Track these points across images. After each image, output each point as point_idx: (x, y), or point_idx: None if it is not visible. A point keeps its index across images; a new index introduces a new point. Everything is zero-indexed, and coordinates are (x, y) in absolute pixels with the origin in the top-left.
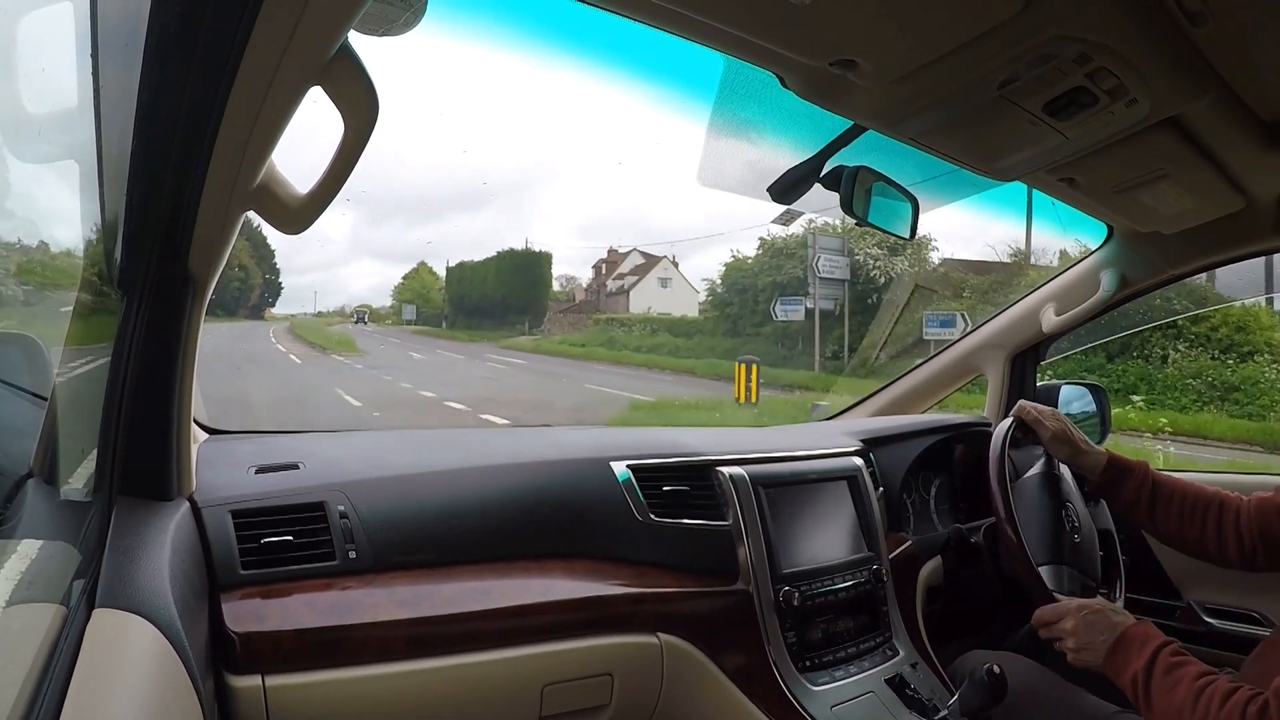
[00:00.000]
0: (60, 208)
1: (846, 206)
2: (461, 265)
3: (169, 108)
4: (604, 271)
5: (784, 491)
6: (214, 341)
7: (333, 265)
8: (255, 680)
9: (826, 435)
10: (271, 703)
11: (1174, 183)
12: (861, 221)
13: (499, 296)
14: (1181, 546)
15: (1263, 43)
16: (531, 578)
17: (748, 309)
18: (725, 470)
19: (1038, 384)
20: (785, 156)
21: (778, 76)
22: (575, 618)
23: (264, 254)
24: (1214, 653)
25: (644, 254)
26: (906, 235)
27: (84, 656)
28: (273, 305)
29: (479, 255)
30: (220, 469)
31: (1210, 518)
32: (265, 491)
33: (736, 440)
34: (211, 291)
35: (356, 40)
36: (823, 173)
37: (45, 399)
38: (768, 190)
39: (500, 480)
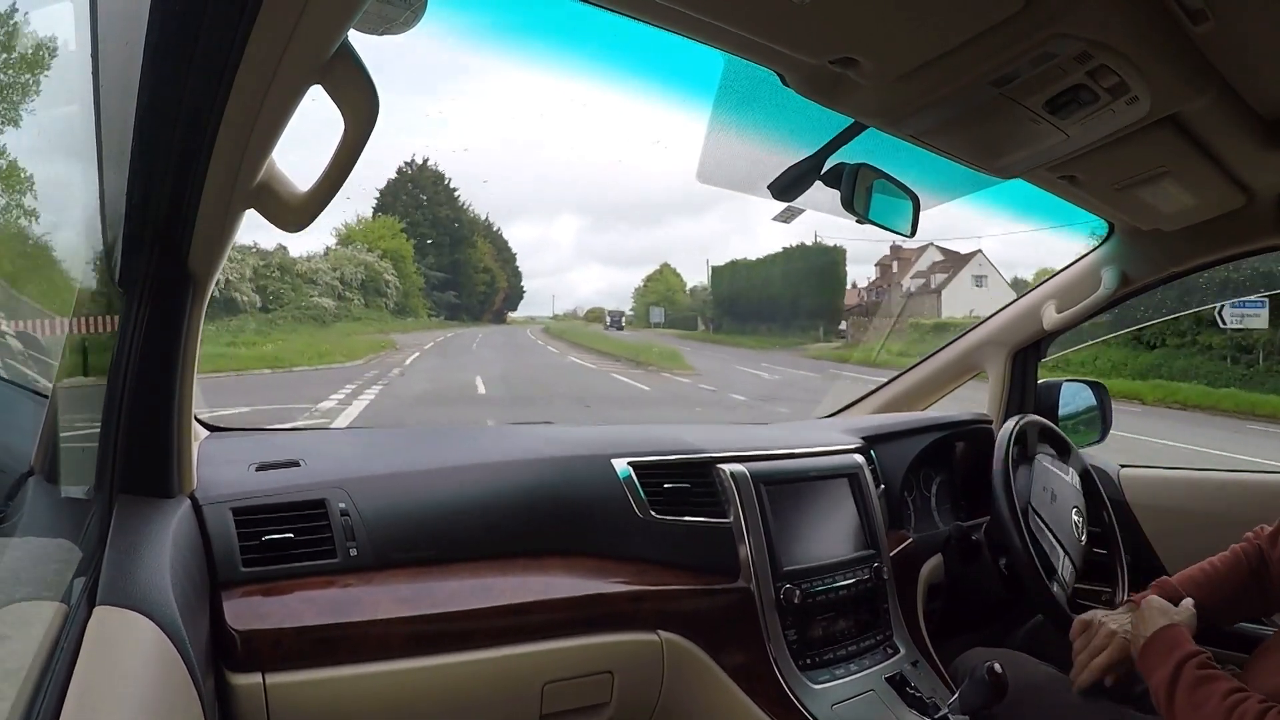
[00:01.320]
0: (60, 207)
1: (847, 204)
2: (734, 265)
3: (169, 108)
4: (894, 270)
5: (785, 489)
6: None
7: (559, 270)
8: (256, 678)
9: (827, 432)
10: (272, 700)
11: (1175, 180)
12: (862, 220)
13: (786, 298)
14: (1253, 620)
15: (1263, 40)
16: (532, 575)
17: (1163, 309)
18: (726, 467)
19: (1038, 382)
20: (786, 154)
21: (778, 75)
22: (576, 615)
23: (507, 258)
24: (1214, 651)
25: (943, 249)
26: (907, 233)
27: (85, 654)
28: (514, 309)
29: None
30: (221, 466)
31: (1253, 589)
32: (266, 489)
33: (737, 437)
34: (212, 290)
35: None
36: (823, 170)
37: (46, 397)
38: (768, 188)
39: (501, 477)
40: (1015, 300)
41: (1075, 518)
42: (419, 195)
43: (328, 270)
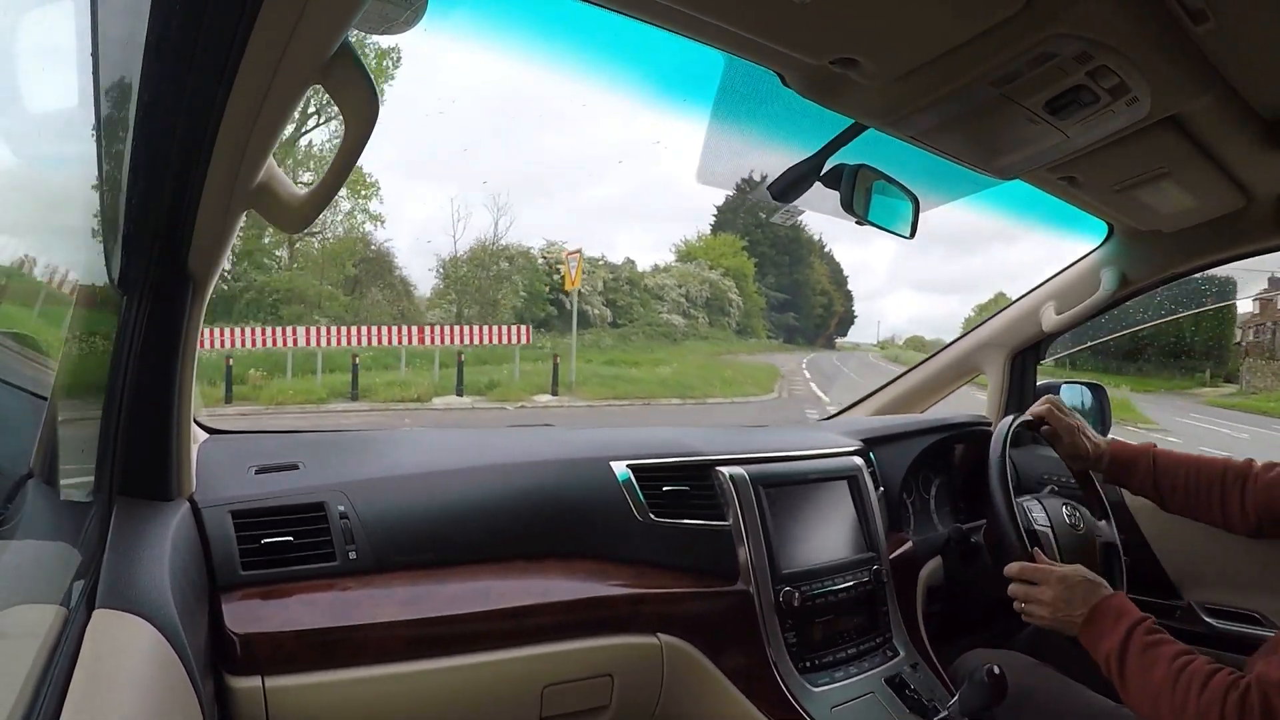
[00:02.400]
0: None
1: (847, 205)
2: None
3: (169, 108)
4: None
5: (784, 491)
6: None
7: (871, 296)
8: (255, 681)
9: (826, 435)
10: (271, 704)
11: (1174, 181)
12: (861, 221)
13: (1171, 335)
14: (1194, 518)
15: (1264, 41)
16: (531, 578)
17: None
18: (725, 470)
19: (1037, 383)
20: (786, 155)
21: (778, 75)
22: (575, 618)
23: (840, 280)
24: (1214, 652)
25: None
26: (907, 234)
27: (84, 657)
28: (844, 334)
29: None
30: (220, 469)
31: (1215, 491)
32: (265, 492)
33: (737, 440)
34: (211, 291)
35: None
36: (823, 171)
37: (45, 399)
38: (768, 189)
39: (500, 480)
40: (1014, 302)
41: (1073, 517)
42: (758, 212)
43: (674, 286)
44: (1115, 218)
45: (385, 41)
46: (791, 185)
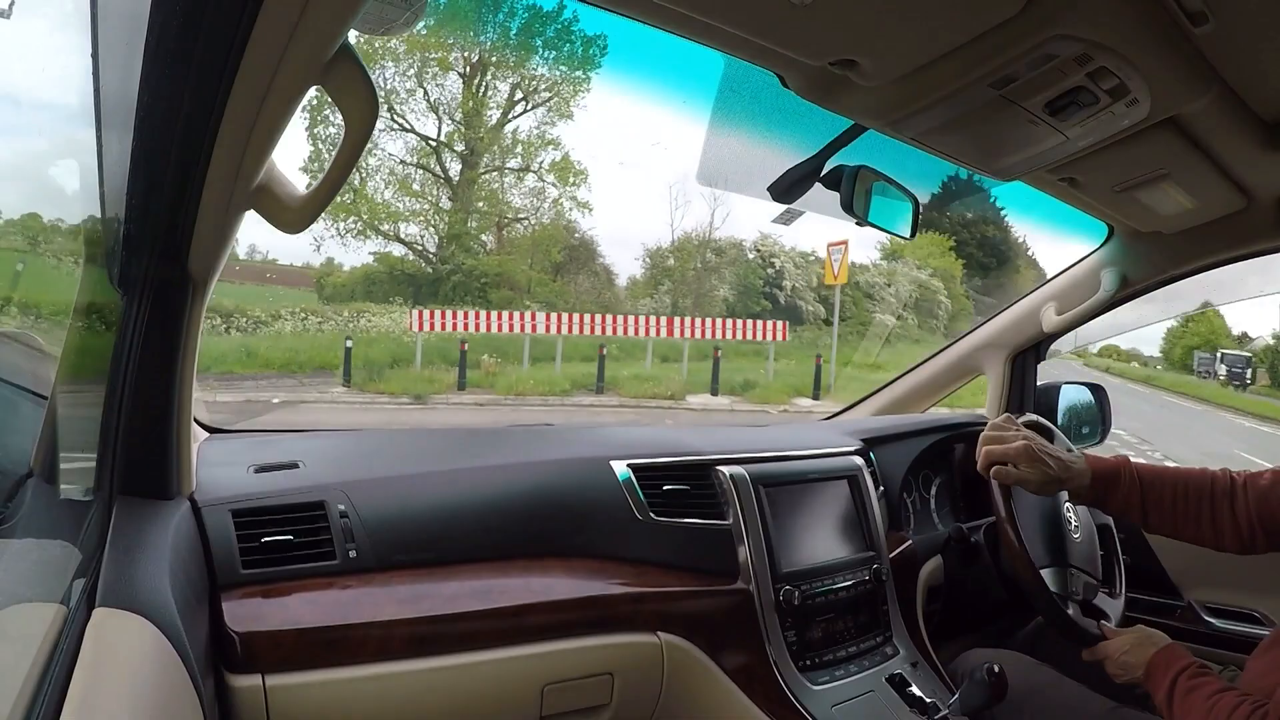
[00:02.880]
0: (60, 207)
1: (847, 206)
2: None
3: (169, 108)
4: None
5: (784, 491)
6: None
7: None
8: (255, 680)
9: (826, 434)
10: (272, 702)
11: (1174, 182)
12: (861, 221)
13: None
14: (1179, 538)
15: (1263, 42)
16: (532, 577)
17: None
18: (725, 469)
19: (1038, 384)
20: (786, 156)
21: (778, 76)
22: (575, 617)
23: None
24: (1214, 652)
25: None
26: (907, 235)
27: (84, 656)
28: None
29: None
30: (220, 468)
31: (1204, 508)
32: (265, 491)
33: (737, 439)
34: (211, 292)
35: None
36: (823, 172)
37: (45, 399)
38: (768, 190)
39: (501, 480)
40: (1014, 302)
41: (1073, 516)
42: (964, 212)
43: (883, 285)
44: (1115, 219)
45: (590, 29)
46: (792, 186)
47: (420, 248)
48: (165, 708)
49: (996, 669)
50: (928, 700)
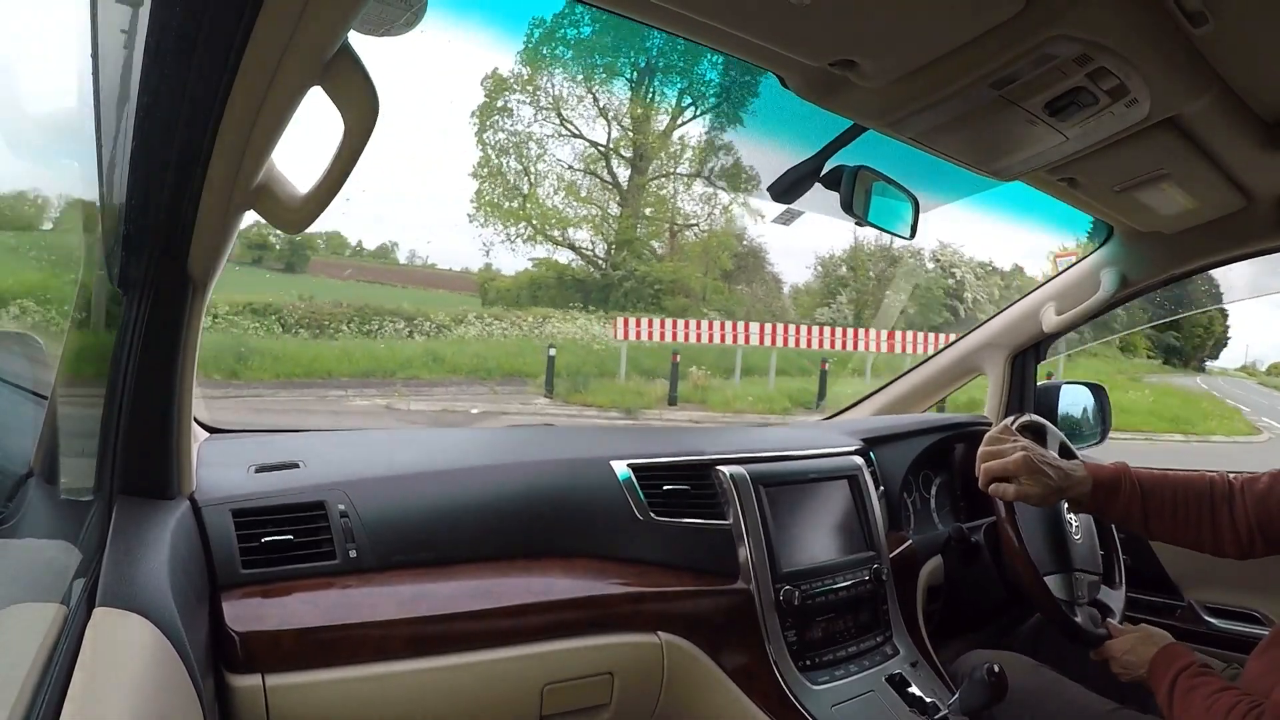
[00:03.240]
0: (60, 207)
1: (847, 206)
2: None
3: (169, 108)
4: None
5: (784, 490)
6: None
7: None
8: (255, 680)
9: (827, 434)
10: (272, 702)
11: (1174, 182)
12: (861, 222)
13: None
14: (1179, 544)
15: (1263, 43)
16: (532, 577)
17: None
18: (726, 469)
19: (1038, 384)
20: (785, 156)
21: (778, 76)
22: (575, 617)
23: (1217, 296)
24: (1214, 652)
25: None
26: (907, 235)
27: (84, 655)
28: (1216, 357)
29: None
30: (220, 468)
31: (1204, 513)
32: (265, 490)
33: (737, 439)
34: (211, 292)
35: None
36: (823, 173)
37: (45, 399)
38: (768, 190)
39: (501, 479)
40: (1015, 302)
41: (1073, 516)
42: None
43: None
44: (1115, 219)
45: None
46: (791, 186)
47: (590, 253)
48: (165, 708)
49: (997, 669)
50: (928, 700)
